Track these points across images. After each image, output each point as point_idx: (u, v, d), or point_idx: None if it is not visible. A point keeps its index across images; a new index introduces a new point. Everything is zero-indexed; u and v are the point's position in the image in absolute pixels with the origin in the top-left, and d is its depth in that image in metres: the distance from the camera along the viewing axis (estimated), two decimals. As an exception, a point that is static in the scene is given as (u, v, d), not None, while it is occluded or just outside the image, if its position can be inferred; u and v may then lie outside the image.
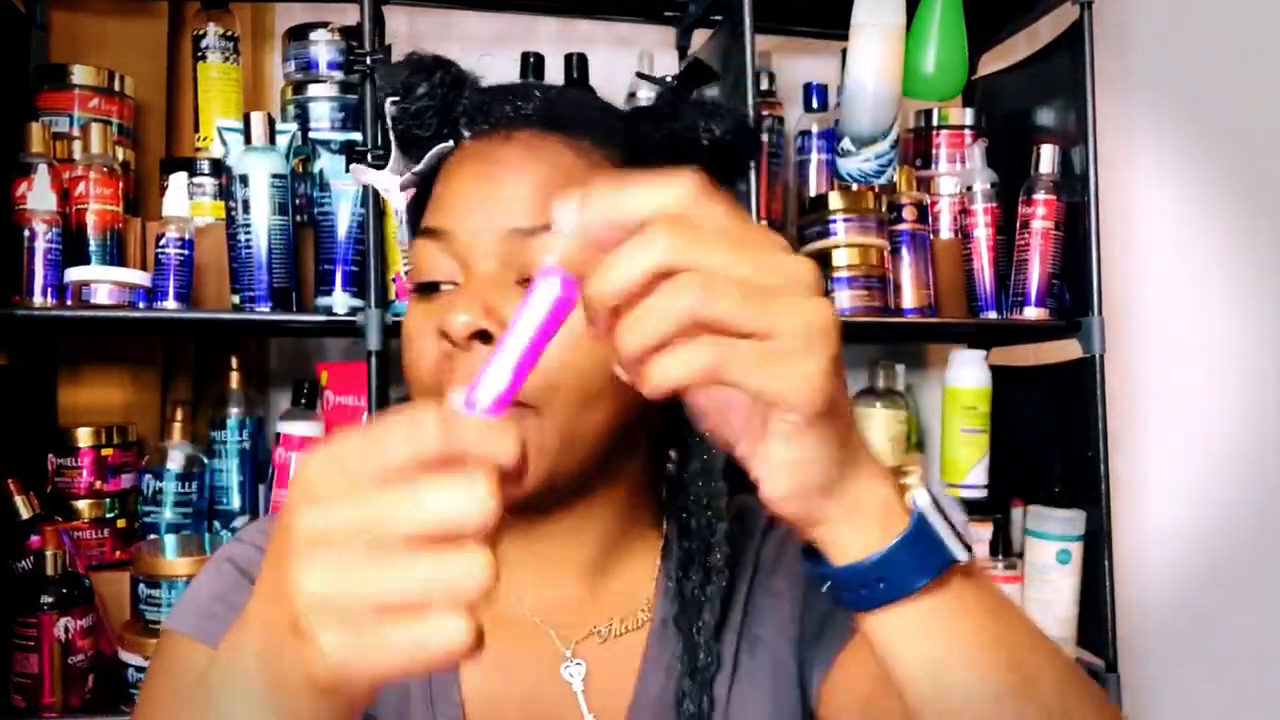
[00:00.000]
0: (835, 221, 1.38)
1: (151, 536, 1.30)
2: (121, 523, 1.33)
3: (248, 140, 1.24)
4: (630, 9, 1.58)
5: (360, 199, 1.25)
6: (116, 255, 1.25)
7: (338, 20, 1.37)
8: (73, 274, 1.20)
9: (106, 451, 1.32)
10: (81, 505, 1.30)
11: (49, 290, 1.20)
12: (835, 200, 1.39)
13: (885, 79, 1.36)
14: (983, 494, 1.48)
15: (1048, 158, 1.45)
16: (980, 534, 1.45)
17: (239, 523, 1.33)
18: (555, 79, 1.43)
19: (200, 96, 1.37)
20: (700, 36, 1.52)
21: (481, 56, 0.71)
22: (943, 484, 0.53)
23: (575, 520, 0.68)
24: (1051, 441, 1.48)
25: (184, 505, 1.31)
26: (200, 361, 1.46)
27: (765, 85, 1.58)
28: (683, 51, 1.58)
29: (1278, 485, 1.79)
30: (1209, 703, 1.75)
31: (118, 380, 1.40)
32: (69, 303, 1.21)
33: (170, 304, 1.23)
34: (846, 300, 1.38)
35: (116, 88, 1.35)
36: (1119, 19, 1.70)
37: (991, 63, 1.66)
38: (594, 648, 0.69)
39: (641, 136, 0.66)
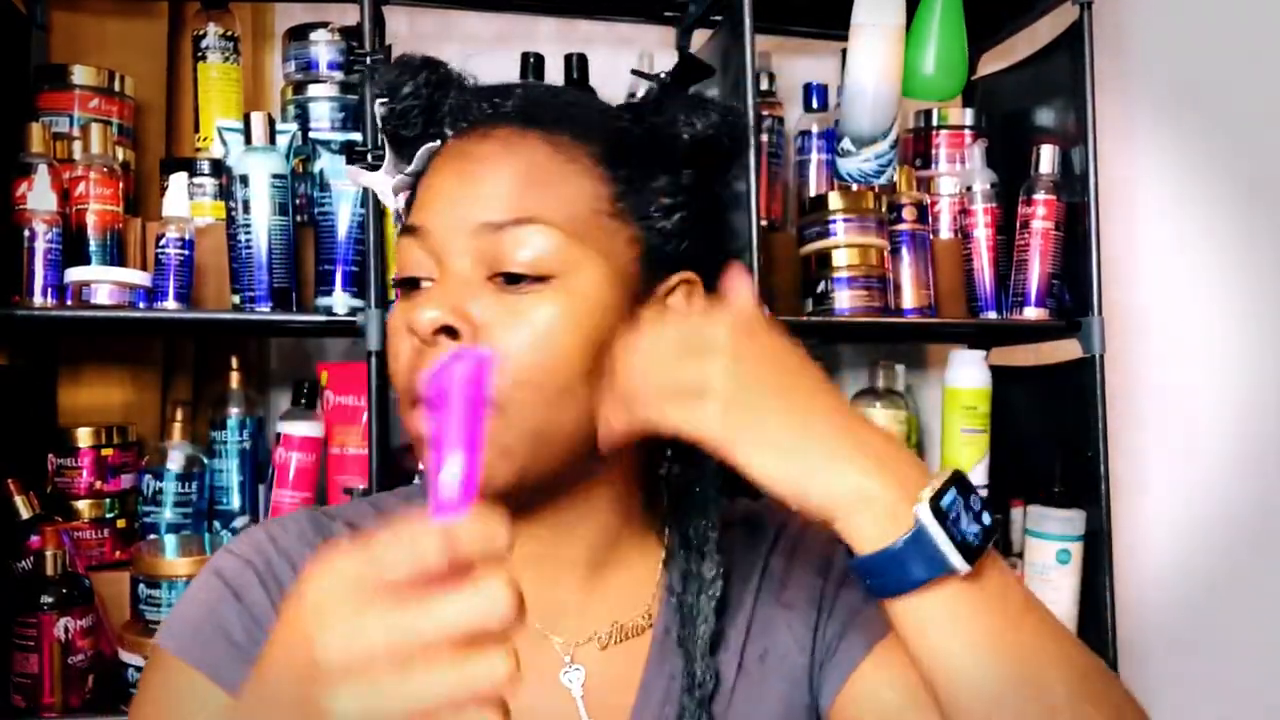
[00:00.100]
0: (835, 221, 1.38)
1: (151, 537, 1.30)
2: (121, 523, 1.33)
3: (248, 140, 1.24)
4: (630, 9, 1.58)
5: (360, 199, 1.25)
6: (117, 255, 1.25)
7: (338, 20, 1.37)
8: (73, 274, 1.20)
9: (106, 452, 1.32)
10: (81, 505, 1.30)
11: (49, 290, 1.20)
12: (835, 200, 1.39)
13: (885, 79, 1.36)
14: (983, 494, 1.47)
15: (1047, 158, 1.45)
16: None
17: (239, 523, 1.33)
18: (555, 79, 1.43)
19: (200, 96, 1.37)
20: (700, 37, 1.52)
21: (468, 56, 0.70)
22: (979, 495, 0.57)
23: (568, 519, 0.68)
24: (1051, 441, 1.48)
25: (184, 505, 1.31)
26: (200, 362, 1.46)
27: (765, 85, 1.58)
28: (683, 52, 1.58)
29: (1278, 485, 1.79)
30: (1209, 703, 1.75)
31: (118, 380, 1.40)
32: (69, 303, 1.21)
33: (170, 304, 1.23)
34: (846, 300, 1.38)
35: (117, 88, 1.35)
36: (1119, 19, 1.70)
37: (991, 63, 1.66)
38: (593, 653, 0.69)
39: (621, 132, 0.66)
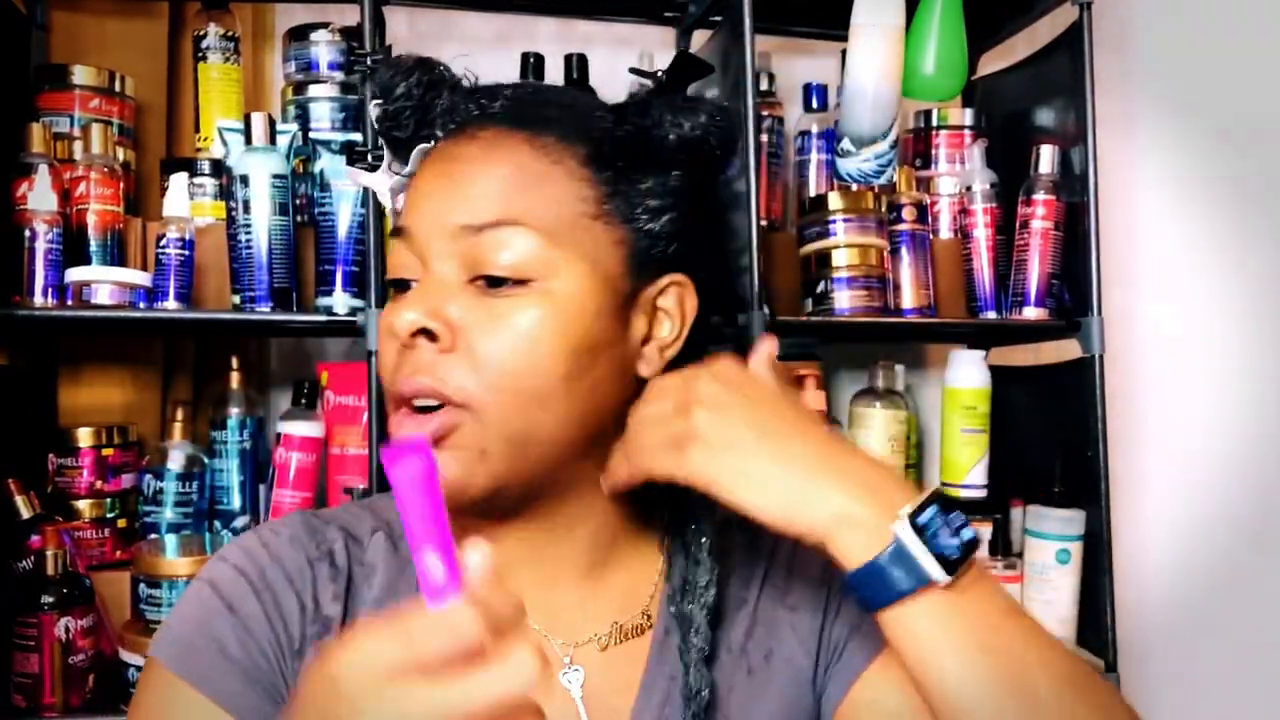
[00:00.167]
0: (835, 222, 1.38)
1: (152, 536, 1.30)
2: (122, 523, 1.33)
3: (248, 140, 1.24)
4: (630, 9, 1.59)
5: (361, 199, 1.25)
6: (117, 255, 1.25)
7: (338, 21, 1.37)
8: (73, 274, 1.20)
9: (107, 451, 1.32)
10: (82, 505, 1.30)
11: (50, 290, 1.20)
12: (835, 200, 1.39)
13: (885, 79, 1.37)
14: (982, 494, 1.48)
15: (1047, 158, 1.45)
16: (980, 534, 1.44)
17: (239, 523, 1.33)
18: (555, 79, 1.43)
19: (201, 97, 1.37)
20: (700, 37, 1.53)
21: (455, 58, 0.70)
22: (960, 514, 0.60)
23: (563, 521, 0.68)
24: (1051, 441, 1.48)
25: (184, 505, 1.31)
26: (201, 361, 1.46)
27: (765, 85, 1.58)
28: (680, 50, 1.58)
29: (1278, 485, 1.79)
30: (1209, 703, 1.75)
31: (118, 380, 1.40)
32: (69, 303, 1.21)
33: (171, 304, 1.23)
34: (846, 300, 1.38)
35: (117, 88, 1.35)
36: (1118, 19, 1.70)
37: (991, 63, 1.66)
38: (593, 654, 0.69)
39: (608, 133, 0.65)
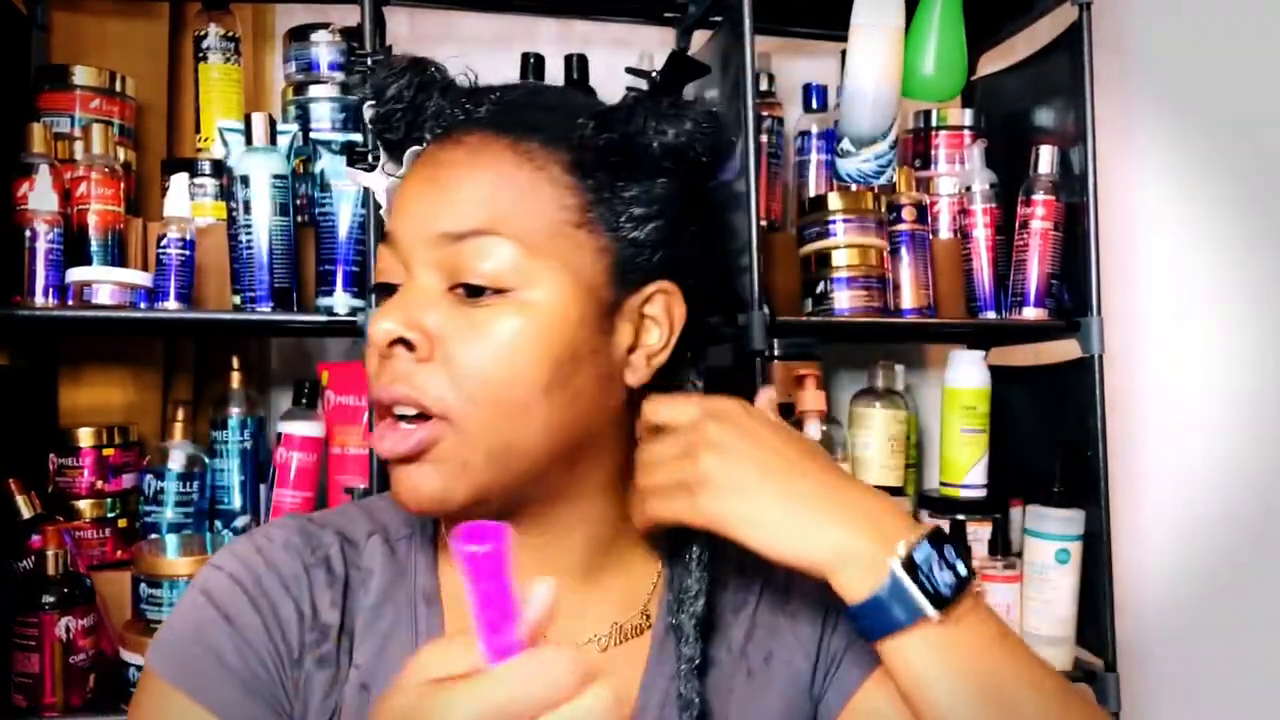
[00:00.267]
0: (835, 222, 1.38)
1: (153, 536, 1.30)
2: (123, 522, 1.33)
3: (249, 141, 1.24)
4: (630, 10, 1.59)
5: (361, 199, 1.25)
6: (118, 256, 1.25)
7: (338, 21, 1.37)
8: (74, 274, 1.20)
9: (108, 451, 1.32)
10: (83, 505, 1.30)
11: (50, 290, 1.20)
12: (835, 201, 1.39)
13: (885, 80, 1.37)
14: (982, 494, 1.48)
15: (1047, 158, 1.45)
16: (979, 534, 1.45)
17: (240, 522, 1.34)
18: (556, 80, 1.43)
19: (201, 97, 1.37)
20: (700, 37, 1.53)
21: (447, 58, 0.69)
22: (954, 548, 0.64)
23: (556, 528, 0.68)
24: (1051, 441, 1.48)
25: (185, 505, 1.31)
26: (201, 361, 1.46)
27: (765, 86, 1.58)
28: (674, 51, 1.58)
29: (1278, 485, 1.79)
30: (1208, 703, 1.75)
31: (119, 380, 1.40)
32: (70, 303, 1.21)
33: (171, 304, 1.23)
34: (846, 300, 1.38)
35: (118, 88, 1.35)
36: (1118, 20, 1.70)
37: (991, 63, 1.66)
38: (593, 656, 0.69)
39: (592, 140, 0.64)
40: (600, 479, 0.68)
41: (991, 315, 1.49)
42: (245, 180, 1.23)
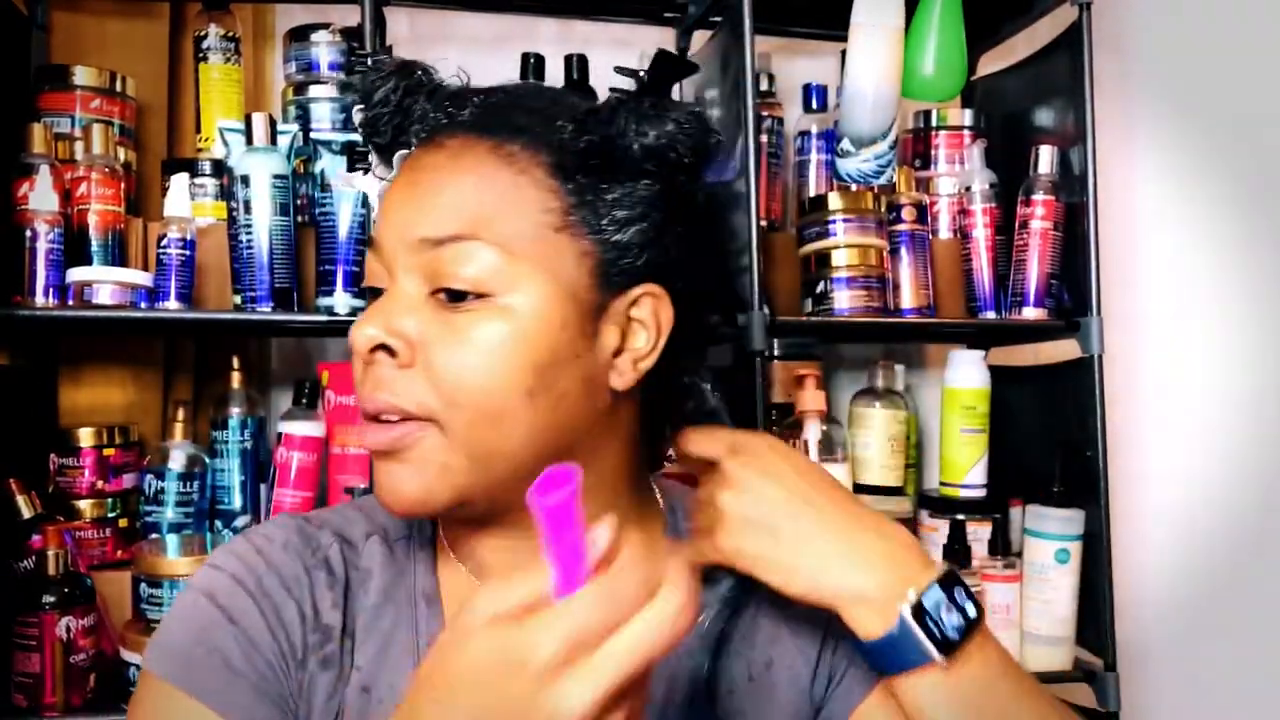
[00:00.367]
0: (835, 222, 1.38)
1: (153, 536, 1.30)
2: (123, 522, 1.33)
3: (249, 141, 1.24)
4: (630, 10, 1.59)
5: (361, 199, 1.25)
6: (118, 256, 1.25)
7: (339, 21, 1.37)
8: (74, 274, 1.20)
9: (108, 451, 1.32)
10: (83, 505, 1.30)
11: (51, 290, 1.20)
12: (835, 201, 1.39)
13: (884, 80, 1.37)
14: (981, 494, 1.48)
15: (1046, 158, 1.45)
16: (979, 534, 1.45)
17: (240, 522, 1.34)
18: (555, 80, 1.43)
19: (201, 97, 1.37)
20: (700, 37, 1.53)
21: (438, 59, 0.69)
22: (964, 589, 0.65)
23: None
24: (1050, 441, 1.48)
25: (185, 505, 1.31)
26: (201, 361, 1.46)
27: (765, 85, 1.59)
28: (682, 53, 1.58)
29: (1278, 485, 1.79)
30: (1208, 703, 1.75)
31: (119, 380, 1.40)
32: (70, 303, 1.21)
33: (172, 304, 1.23)
34: (846, 300, 1.38)
35: (118, 88, 1.35)
36: (1118, 20, 1.70)
37: (991, 63, 1.66)
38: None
39: (574, 143, 0.63)
40: (589, 482, 0.68)
41: (991, 315, 1.49)
42: (245, 180, 1.23)
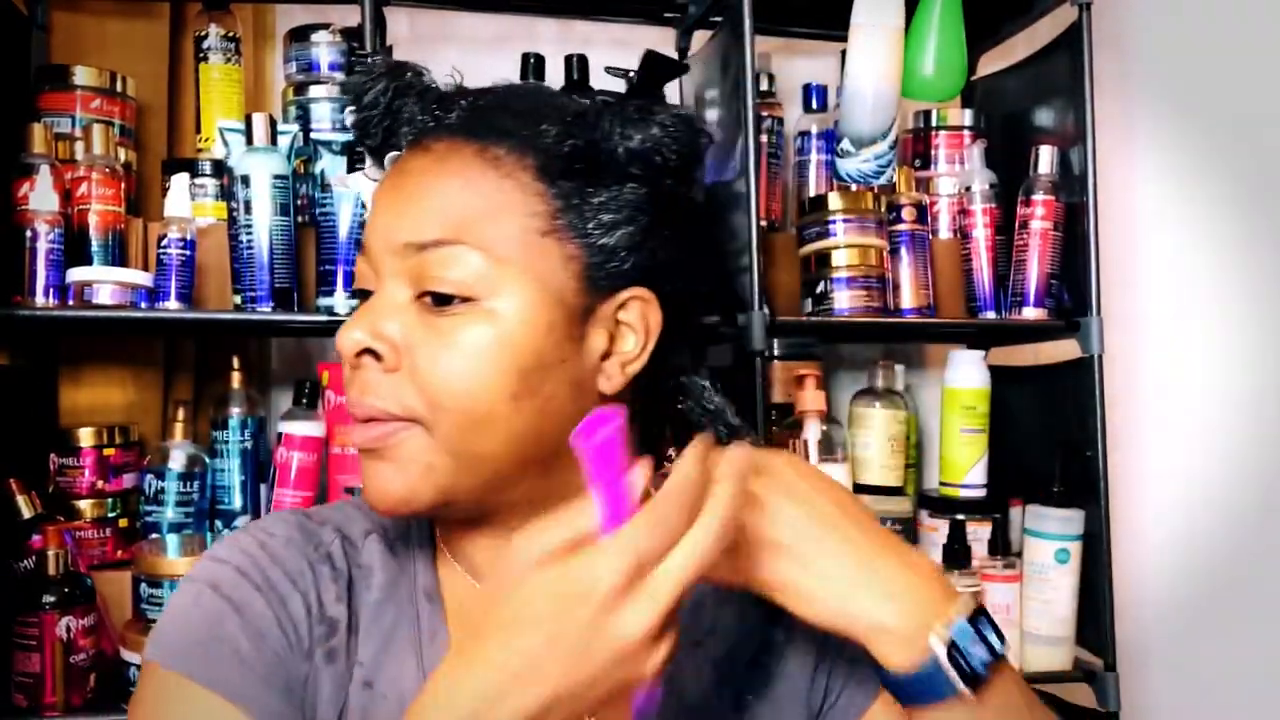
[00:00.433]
0: (835, 222, 1.38)
1: (153, 536, 1.30)
2: (123, 522, 1.33)
3: (249, 141, 1.24)
4: (630, 10, 1.59)
5: (361, 200, 1.25)
6: (118, 256, 1.25)
7: (339, 21, 1.37)
8: (74, 274, 1.20)
9: (108, 451, 1.32)
10: (83, 505, 1.30)
11: (51, 290, 1.20)
12: (834, 201, 1.39)
13: (884, 80, 1.37)
14: (981, 494, 1.48)
15: (1046, 158, 1.45)
16: (979, 534, 1.45)
17: (240, 522, 1.34)
18: (555, 80, 1.43)
19: (202, 97, 1.37)
20: (700, 37, 1.53)
21: (428, 59, 0.69)
22: (989, 622, 0.64)
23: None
24: (1050, 441, 1.48)
25: (186, 505, 1.31)
26: (202, 361, 1.46)
27: (765, 86, 1.59)
28: (682, 53, 1.58)
29: (1278, 485, 1.79)
30: (1208, 703, 1.75)
31: (119, 380, 1.40)
32: (71, 303, 1.21)
33: (172, 304, 1.23)
34: (846, 300, 1.38)
35: (118, 88, 1.35)
36: (1118, 20, 1.70)
37: (991, 63, 1.66)
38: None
39: (560, 146, 0.63)
40: (581, 484, 0.68)
41: (991, 315, 1.49)
42: (246, 180, 1.23)
